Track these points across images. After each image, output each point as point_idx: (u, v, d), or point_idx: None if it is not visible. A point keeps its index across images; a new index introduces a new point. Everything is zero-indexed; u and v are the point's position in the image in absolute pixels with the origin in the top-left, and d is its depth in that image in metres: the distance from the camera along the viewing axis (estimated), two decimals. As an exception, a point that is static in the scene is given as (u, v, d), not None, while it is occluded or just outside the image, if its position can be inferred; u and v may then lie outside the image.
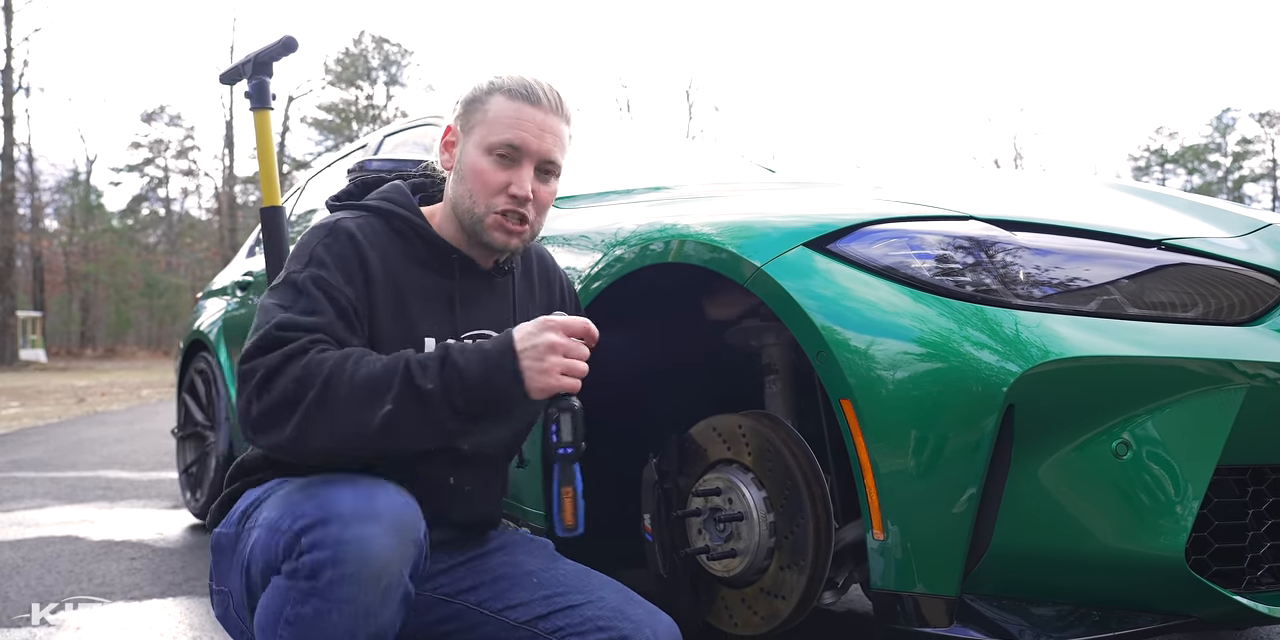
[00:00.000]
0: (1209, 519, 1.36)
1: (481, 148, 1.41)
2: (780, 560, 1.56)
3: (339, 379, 1.20)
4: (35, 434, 7.85)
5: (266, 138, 2.41)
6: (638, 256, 1.75)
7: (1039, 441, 1.31)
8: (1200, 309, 1.41)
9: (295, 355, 1.23)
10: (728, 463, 1.66)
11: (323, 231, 1.38)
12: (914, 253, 1.41)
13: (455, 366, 1.21)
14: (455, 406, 1.21)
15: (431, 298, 1.42)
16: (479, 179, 1.41)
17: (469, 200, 1.42)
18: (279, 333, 1.25)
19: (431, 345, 1.39)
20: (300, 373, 1.21)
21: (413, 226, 1.44)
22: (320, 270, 1.33)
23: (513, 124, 1.40)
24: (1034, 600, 1.36)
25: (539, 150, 1.41)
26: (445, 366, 1.22)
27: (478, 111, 1.43)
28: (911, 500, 1.32)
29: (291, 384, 1.20)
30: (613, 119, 35.82)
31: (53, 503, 4.35)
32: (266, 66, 2.38)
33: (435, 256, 1.44)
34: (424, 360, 1.23)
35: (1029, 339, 1.30)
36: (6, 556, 3.18)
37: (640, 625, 1.36)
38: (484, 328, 1.46)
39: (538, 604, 1.41)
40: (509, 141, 1.40)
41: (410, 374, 1.21)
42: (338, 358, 1.23)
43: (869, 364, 1.35)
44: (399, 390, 1.20)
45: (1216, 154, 41.42)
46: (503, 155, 1.40)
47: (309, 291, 1.31)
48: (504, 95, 1.42)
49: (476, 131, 1.42)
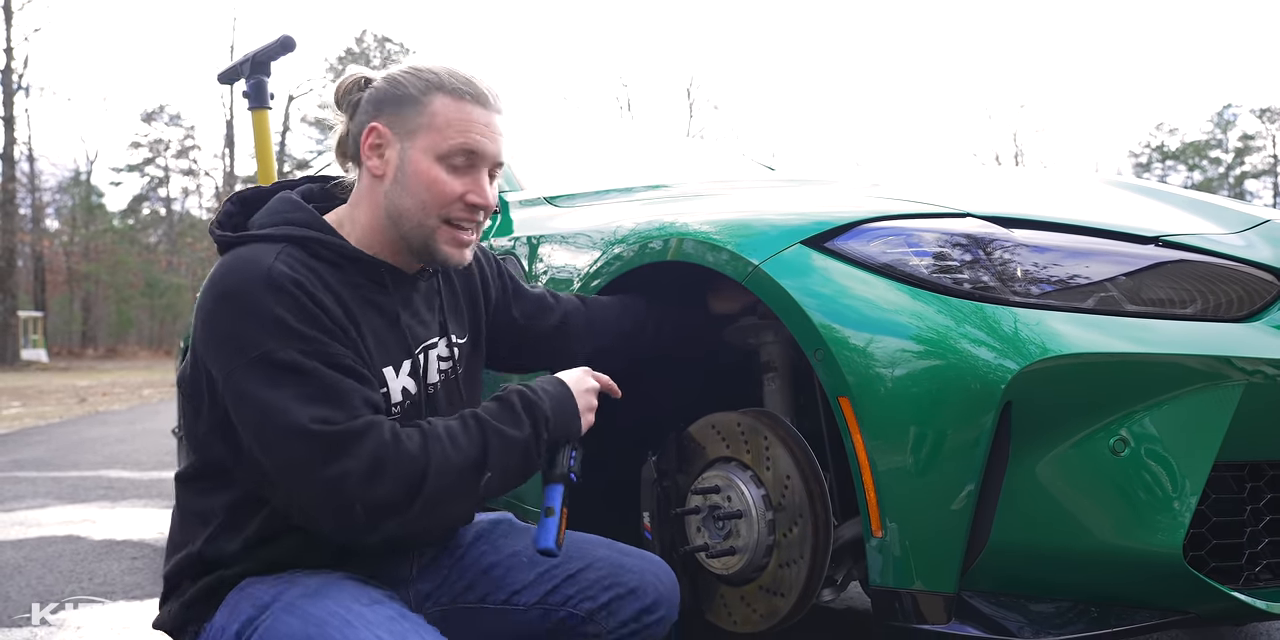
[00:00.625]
0: (1207, 515, 1.36)
1: (432, 155, 1.30)
2: (779, 558, 1.56)
3: (444, 470, 1.20)
4: (37, 434, 7.86)
5: (265, 137, 2.41)
6: (636, 254, 1.75)
7: (1037, 438, 1.31)
8: (1198, 305, 1.41)
9: (381, 451, 1.17)
10: (726, 461, 1.66)
11: (261, 285, 1.20)
12: (911, 250, 1.41)
13: (540, 411, 1.31)
14: (541, 443, 1.31)
15: (376, 321, 1.33)
16: (432, 189, 1.30)
17: (419, 212, 1.31)
18: (329, 430, 1.15)
19: (391, 375, 1.32)
20: (397, 474, 1.17)
21: (336, 250, 1.31)
22: (302, 343, 1.19)
23: (466, 128, 1.31)
24: (1032, 597, 1.36)
25: (494, 154, 1.34)
26: (532, 413, 1.30)
27: (417, 114, 1.31)
28: (910, 497, 1.32)
29: (394, 488, 1.17)
30: (612, 117, 35.81)
31: (54, 502, 4.35)
32: (264, 66, 2.38)
33: (365, 275, 1.33)
34: (500, 414, 1.29)
35: (1027, 336, 1.30)
36: (8, 556, 3.19)
37: (643, 574, 1.43)
38: (423, 337, 1.40)
39: (539, 582, 1.42)
40: (467, 148, 1.31)
41: (502, 434, 1.27)
42: (419, 445, 1.20)
43: (867, 362, 1.35)
44: (496, 456, 1.25)
45: (1218, 150, 41.38)
46: (460, 162, 1.31)
47: (313, 371, 1.18)
48: (448, 96, 1.31)
49: (421, 137, 1.31)
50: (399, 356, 1.35)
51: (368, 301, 1.32)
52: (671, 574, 1.48)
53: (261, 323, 1.18)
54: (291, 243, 1.28)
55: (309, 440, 1.14)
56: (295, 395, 1.16)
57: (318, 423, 1.15)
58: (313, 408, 1.16)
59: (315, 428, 1.14)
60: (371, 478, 1.15)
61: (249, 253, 1.25)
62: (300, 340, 1.18)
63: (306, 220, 1.31)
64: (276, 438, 1.16)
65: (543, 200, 2.30)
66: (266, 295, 1.19)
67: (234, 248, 1.28)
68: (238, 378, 1.18)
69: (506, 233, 2.25)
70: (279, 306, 1.19)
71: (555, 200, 2.26)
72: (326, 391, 1.17)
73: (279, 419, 1.15)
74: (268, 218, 1.33)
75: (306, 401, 1.16)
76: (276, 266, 1.22)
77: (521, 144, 2.65)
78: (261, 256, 1.23)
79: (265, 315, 1.18)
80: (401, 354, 1.35)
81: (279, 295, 1.19)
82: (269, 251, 1.25)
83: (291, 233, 1.29)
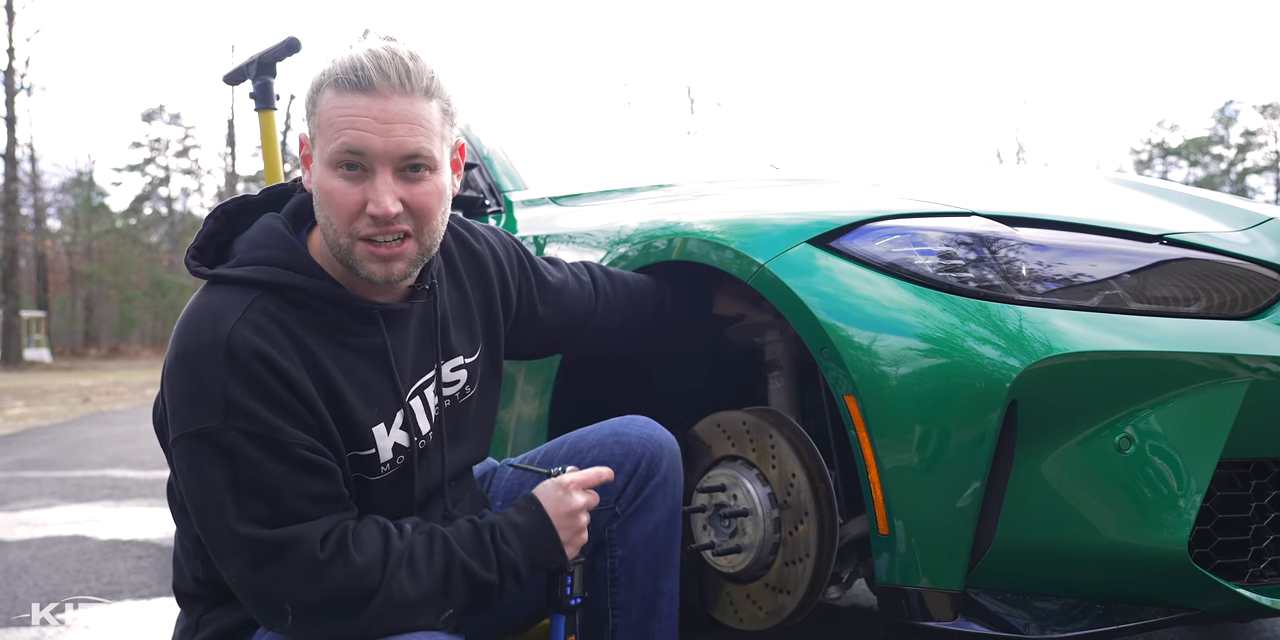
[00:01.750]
0: (1212, 512, 1.36)
1: (325, 163, 1.15)
2: (785, 556, 1.57)
3: (399, 599, 1.13)
4: (41, 433, 7.88)
5: (271, 138, 2.42)
6: (641, 254, 1.76)
7: (1042, 436, 1.31)
8: (1202, 303, 1.41)
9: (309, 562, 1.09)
10: (732, 459, 1.67)
11: (219, 353, 1.10)
12: (917, 249, 1.42)
13: (509, 559, 1.22)
14: (506, 589, 1.23)
15: (363, 373, 1.21)
16: (331, 203, 1.15)
17: (331, 231, 1.17)
18: (257, 535, 1.08)
19: (381, 433, 1.23)
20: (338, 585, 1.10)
21: (319, 296, 1.18)
22: (248, 423, 1.09)
23: (345, 124, 1.12)
24: (1038, 594, 1.37)
25: (388, 149, 1.13)
26: (501, 561, 1.21)
27: (314, 116, 1.16)
28: (915, 495, 1.33)
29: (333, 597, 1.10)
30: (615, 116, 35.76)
31: (59, 502, 4.36)
32: (270, 67, 2.39)
33: (351, 318, 1.22)
34: (472, 547, 1.20)
35: (1032, 334, 1.31)
36: (14, 556, 3.20)
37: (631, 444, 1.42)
38: (422, 371, 1.30)
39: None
40: (346, 145, 1.12)
41: (468, 570, 1.19)
42: (374, 579, 1.12)
43: (872, 360, 1.36)
44: (463, 597, 1.18)
45: (1220, 146, 41.33)
46: (350, 165, 1.14)
47: (252, 460, 1.09)
48: (331, 89, 1.14)
49: (318, 142, 1.16)
50: (390, 408, 1.24)
51: (352, 350, 1.21)
52: (663, 432, 1.46)
53: (210, 396, 1.09)
54: (269, 289, 1.16)
55: (236, 542, 1.09)
56: (230, 483, 1.09)
57: (247, 525, 1.08)
58: (246, 501, 1.09)
59: (243, 532, 1.08)
60: (305, 585, 1.09)
61: (218, 302, 1.15)
62: (247, 420, 1.09)
63: (288, 261, 1.18)
64: (207, 527, 1.12)
65: (547, 200, 2.30)
66: (221, 366, 1.09)
67: (209, 285, 1.19)
68: (182, 447, 1.11)
69: (511, 232, 2.26)
70: (233, 380, 1.09)
71: (560, 199, 2.26)
72: (262, 487, 1.09)
73: (211, 510, 1.10)
74: (248, 252, 1.20)
75: (240, 492, 1.09)
76: (239, 331, 1.11)
77: (525, 143, 2.66)
78: (228, 313, 1.13)
79: (215, 389, 1.09)
80: (392, 405, 1.25)
81: (234, 366, 1.09)
82: (238, 305, 1.14)
83: (270, 278, 1.16)
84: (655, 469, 1.42)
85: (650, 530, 1.42)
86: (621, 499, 1.41)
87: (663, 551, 1.43)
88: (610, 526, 1.42)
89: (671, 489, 1.44)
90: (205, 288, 1.19)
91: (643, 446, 1.42)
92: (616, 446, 1.43)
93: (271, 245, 1.19)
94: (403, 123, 1.13)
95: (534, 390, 1.91)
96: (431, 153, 1.16)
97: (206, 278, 1.19)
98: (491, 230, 1.53)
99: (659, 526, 1.42)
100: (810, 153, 14.90)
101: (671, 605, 1.45)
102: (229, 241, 1.25)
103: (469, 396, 1.39)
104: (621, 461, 1.41)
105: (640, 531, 1.42)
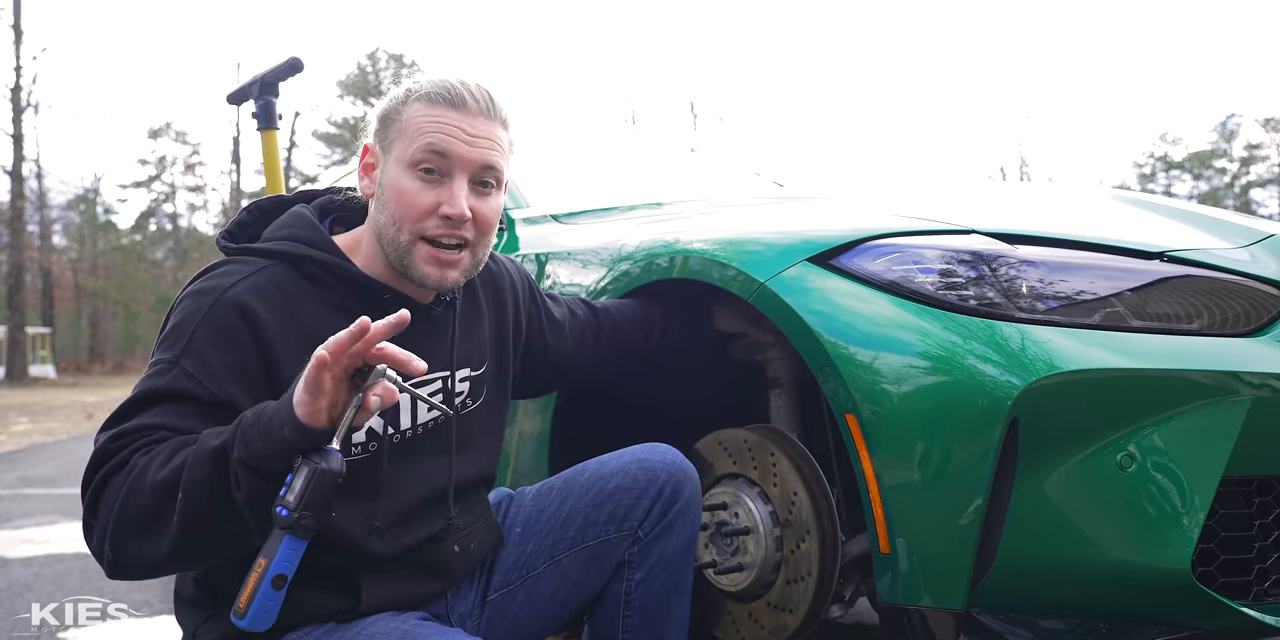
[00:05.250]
0: (1215, 531, 1.36)
1: (403, 164, 1.23)
2: (787, 574, 1.56)
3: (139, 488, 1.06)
4: (44, 450, 7.88)
5: (273, 157, 2.43)
6: (643, 271, 1.76)
7: (1044, 454, 1.31)
8: (1204, 320, 1.41)
9: (111, 472, 1.09)
10: (733, 477, 1.67)
11: (204, 304, 1.16)
12: (917, 267, 1.42)
13: (241, 425, 1.06)
14: (243, 455, 1.03)
15: None
16: (401, 201, 1.22)
17: (393, 228, 1.22)
18: (109, 445, 1.10)
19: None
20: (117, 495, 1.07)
21: (329, 269, 1.23)
22: (192, 363, 1.13)
23: (434, 128, 1.22)
24: (1041, 613, 1.36)
25: (471, 157, 1.22)
26: (236, 428, 1.06)
27: (395, 124, 1.25)
28: (917, 513, 1.32)
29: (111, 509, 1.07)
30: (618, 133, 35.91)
31: (62, 519, 4.36)
32: (273, 87, 2.41)
33: (362, 300, 1.24)
34: (206, 438, 1.08)
35: (1033, 352, 1.31)
36: (17, 573, 3.19)
37: (654, 469, 1.41)
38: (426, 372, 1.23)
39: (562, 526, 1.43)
40: (432, 146, 1.21)
41: (201, 445, 1.06)
42: (143, 464, 1.07)
43: (873, 378, 1.35)
44: (205, 469, 1.04)
45: (1223, 160, 41.36)
46: (428, 169, 1.22)
47: (165, 392, 1.12)
48: (422, 102, 1.24)
49: (396, 146, 1.24)
50: None
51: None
52: (685, 460, 1.45)
53: (179, 336, 1.15)
54: (284, 260, 1.23)
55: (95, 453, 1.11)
56: (134, 402, 1.13)
57: (112, 440, 1.10)
58: (136, 418, 1.11)
59: (101, 437, 1.11)
60: (96, 498, 1.09)
61: (231, 267, 1.22)
62: (195, 362, 1.13)
63: (310, 238, 1.25)
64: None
65: (549, 217, 2.31)
66: (204, 310, 1.16)
67: (233, 255, 1.26)
68: (144, 374, 1.17)
69: (513, 250, 2.26)
70: (205, 325, 1.15)
71: (561, 217, 2.27)
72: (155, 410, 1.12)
73: (119, 408, 1.14)
74: (273, 232, 1.29)
75: (129, 408, 1.12)
76: (236, 289, 1.18)
77: (527, 161, 2.67)
78: (235, 274, 1.20)
79: (187, 331, 1.15)
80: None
81: (213, 314, 1.15)
82: (247, 270, 1.21)
83: (287, 249, 1.23)
84: (679, 494, 1.42)
85: (669, 555, 1.42)
86: (646, 522, 1.41)
87: (679, 577, 1.44)
88: (632, 550, 1.42)
89: (692, 516, 1.44)
90: (230, 257, 1.27)
91: (667, 472, 1.43)
92: (640, 472, 1.43)
93: (296, 226, 1.27)
94: (486, 138, 1.24)
95: (536, 406, 1.91)
96: (502, 171, 1.28)
97: (229, 251, 1.27)
98: (505, 257, 1.58)
99: (677, 552, 1.43)
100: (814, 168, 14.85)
101: (681, 632, 1.45)
102: (258, 236, 1.32)
103: (470, 409, 1.41)
104: (646, 486, 1.41)
105: (660, 556, 1.42)
